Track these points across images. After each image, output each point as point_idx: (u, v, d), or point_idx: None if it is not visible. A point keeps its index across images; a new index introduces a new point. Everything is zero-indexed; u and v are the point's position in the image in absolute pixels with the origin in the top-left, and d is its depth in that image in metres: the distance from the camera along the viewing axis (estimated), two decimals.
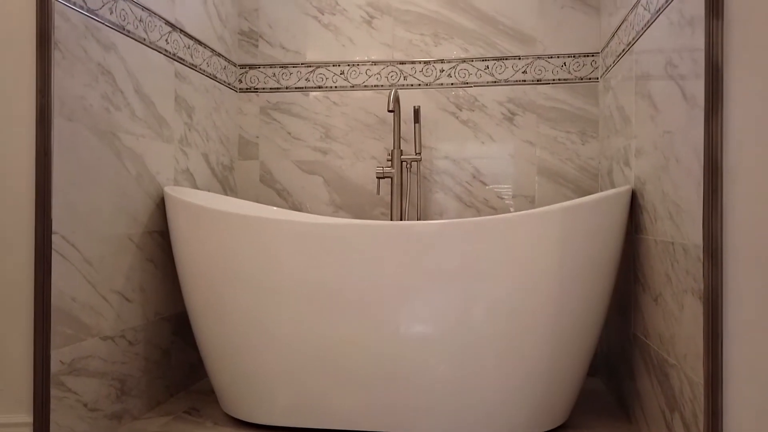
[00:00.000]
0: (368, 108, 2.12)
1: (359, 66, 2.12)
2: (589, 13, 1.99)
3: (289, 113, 2.16)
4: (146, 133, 1.55)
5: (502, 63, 2.04)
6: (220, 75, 2.02)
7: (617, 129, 1.70)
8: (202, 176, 1.88)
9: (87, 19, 1.31)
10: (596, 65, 1.99)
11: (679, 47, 1.15)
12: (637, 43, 1.46)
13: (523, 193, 2.03)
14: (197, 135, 1.85)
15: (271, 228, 1.39)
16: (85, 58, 1.30)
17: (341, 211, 2.13)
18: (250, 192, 2.18)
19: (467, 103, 2.06)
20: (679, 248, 1.14)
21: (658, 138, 1.29)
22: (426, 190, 2.08)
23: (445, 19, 2.06)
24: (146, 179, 1.55)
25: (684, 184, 1.12)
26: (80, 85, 1.29)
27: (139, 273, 1.52)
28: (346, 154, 2.13)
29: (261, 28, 2.17)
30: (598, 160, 1.98)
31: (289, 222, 1.39)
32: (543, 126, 2.02)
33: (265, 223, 1.40)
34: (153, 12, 1.58)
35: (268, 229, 1.39)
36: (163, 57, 1.64)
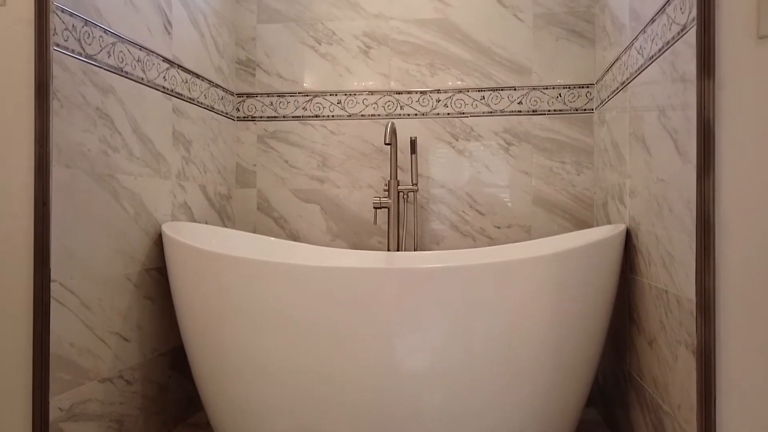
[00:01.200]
0: (365, 137, 2.13)
1: (356, 95, 2.13)
2: (585, 45, 2.01)
3: (287, 142, 2.17)
4: (144, 171, 1.56)
5: (498, 93, 2.06)
6: (217, 105, 2.03)
7: (612, 164, 1.72)
8: (199, 208, 1.89)
9: (85, 65, 1.31)
10: (591, 96, 2.00)
11: (672, 100, 1.16)
12: (631, 83, 1.48)
13: (519, 223, 2.05)
14: (195, 168, 1.86)
15: (264, 270, 1.40)
16: (83, 104, 1.31)
17: (338, 239, 2.14)
18: (247, 220, 2.18)
19: (463, 133, 2.08)
20: (673, 298, 1.15)
21: (651, 184, 1.30)
22: (423, 219, 2.10)
23: (441, 49, 2.08)
24: (144, 217, 1.56)
25: (677, 234, 1.14)
26: (78, 131, 1.29)
27: (136, 312, 1.53)
28: (343, 183, 2.14)
29: (258, 57, 2.19)
30: (593, 191, 1.99)
31: (282, 265, 1.39)
32: (538, 156, 2.04)
33: (257, 265, 1.41)
34: (151, 51, 1.59)
35: (260, 271, 1.39)
36: (160, 94, 1.65)
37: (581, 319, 1.38)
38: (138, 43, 1.53)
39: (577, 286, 1.36)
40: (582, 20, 2.01)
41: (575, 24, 2.01)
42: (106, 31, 1.39)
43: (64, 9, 1.24)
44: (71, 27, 1.26)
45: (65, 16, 1.24)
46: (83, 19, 1.30)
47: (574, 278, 1.35)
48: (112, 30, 1.41)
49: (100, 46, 1.37)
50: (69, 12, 1.26)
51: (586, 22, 2.00)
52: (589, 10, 2.00)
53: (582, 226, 2.00)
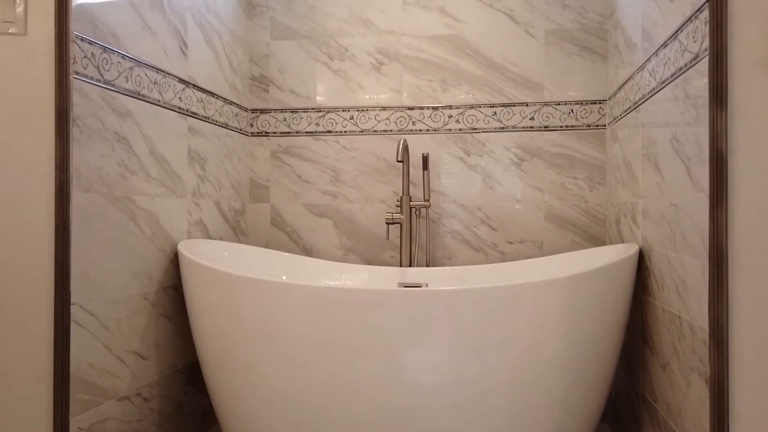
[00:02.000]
0: (377, 152, 2.14)
1: (368, 111, 2.15)
2: (597, 61, 2.01)
3: (300, 157, 2.19)
4: (160, 192, 1.59)
5: (510, 109, 2.06)
6: (232, 122, 2.05)
7: (624, 182, 1.71)
8: (214, 224, 1.91)
9: (104, 90, 1.34)
10: (604, 112, 2.00)
11: (684, 127, 1.16)
12: (643, 104, 1.48)
13: (531, 239, 2.05)
14: (210, 185, 1.88)
15: (276, 291, 1.41)
16: (102, 129, 1.34)
17: (351, 253, 2.16)
18: (261, 235, 2.21)
19: (475, 149, 2.08)
20: (686, 325, 1.16)
21: (664, 207, 1.30)
22: (435, 234, 2.11)
23: (452, 65, 2.09)
24: (160, 237, 1.58)
25: (690, 261, 1.14)
26: (97, 156, 1.32)
27: (153, 330, 1.55)
28: (356, 198, 2.16)
29: (272, 74, 2.21)
30: (606, 207, 1.99)
31: (293, 286, 1.40)
32: (550, 172, 2.04)
33: (269, 286, 1.42)
34: (167, 73, 1.62)
35: (273, 292, 1.41)
36: (176, 114, 1.67)
37: (594, 340, 1.38)
38: (155, 66, 1.55)
39: (590, 309, 1.36)
40: (594, 36, 2.00)
41: (587, 40, 2.01)
42: (123, 56, 1.41)
43: (83, 37, 1.27)
44: (90, 54, 1.29)
45: (84, 44, 1.27)
46: (102, 46, 1.33)
47: (587, 301, 1.36)
48: (129, 55, 1.44)
49: (118, 71, 1.39)
50: (88, 40, 1.28)
51: (599, 38, 2.00)
52: (602, 27, 2.00)
53: (595, 242, 2.00)
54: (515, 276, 1.88)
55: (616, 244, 1.73)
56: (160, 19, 1.58)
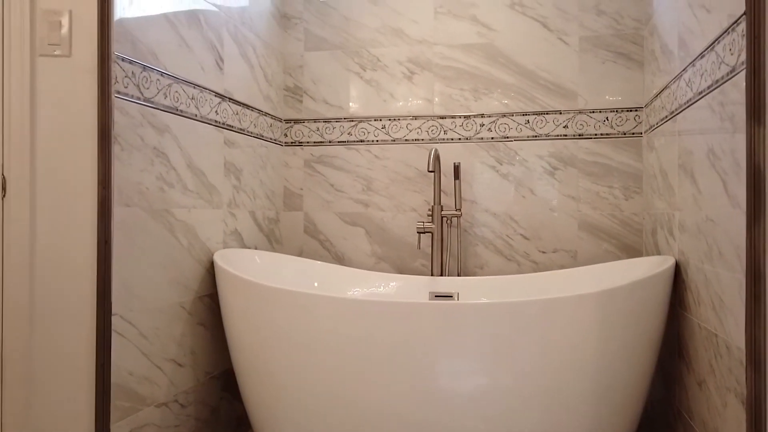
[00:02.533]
0: (409, 161, 2.15)
1: (400, 120, 2.16)
2: (632, 67, 1.97)
3: (332, 166, 2.22)
4: (197, 203, 1.63)
5: (543, 117, 2.04)
6: (266, 133, 2.09)
7: (661, 192, 1.68)
8: (249, 234, 1.96)
9: (143, 108, 1.39)
10: (640, 120, 1.96)
11: (721, 141, 1.14)
12: (680, 115, 1.45)
13: (564, 248, 2.03)
14: (245, 195, 1.93)
15: (308, 301, 1.44)
16: (141, 145, 1.38)
17: (382, 261, 2.17)
18: (294, 242, 2.24)
19: (507, 157, 2.07)
20: (722, 343, 1.13)
21: (701, 222, 1.27)
22: (467, 243, 2.10)
23: (484, 74, 2.08)
24: (197, 247, 1.63)
25: (726, 278, 1.11)
26: (137, 171, 1.37)
27: (190, 338, 1.60)
28: (387, 207, 2.17)
29: (305, 84, 2.24)
30: (642, 216, 1.95)
31: (325, 298, 1.42)
32: (585, 180, 2.01)
33: (301, 297, 1.45)
34: (204, 87, 1.66)
35: (304, 303, 1.43)
36: (212, 128, 1.72)
37: (627, 355, 1.36)
38: (192, 81, 1.60)
39: (623, 324, 1.34)
40: (629, 42, 1.97)
41: (622, 46, 1.98)
42: (162, 73, 1.46)
43: (124, 57, 1.31)
44: (130, 74, 1.34)
45: (125, 64, 1.32)
46: (141, 65, 1.38)
47: (620, 316, 1.34)
48: (168, 72, 1.48)
49: (157, 88, 1.44)
50: (129, 60, 1.33)
51: (634, 44, 1.97)
52: (638, 32, 1.96)
53: (630, 252, 1.97)
54: (547, 287, 1.86)
55: (652, 256, 1.69)
56: (197, 36, 1.63)
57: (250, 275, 1.68)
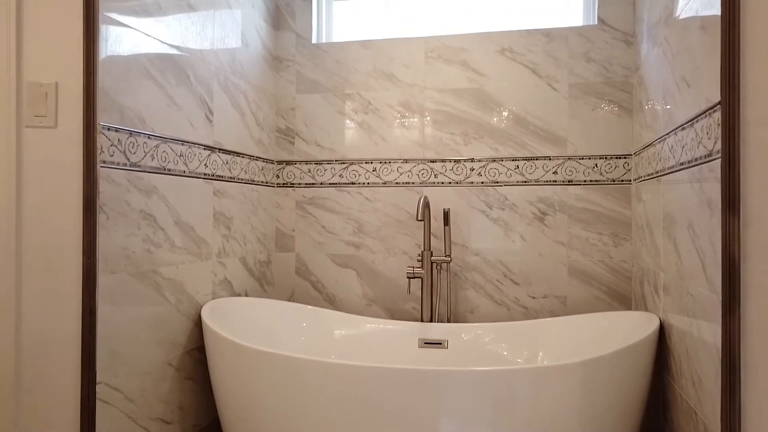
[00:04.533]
0: (399, 204, 2.16)
1: (391, 163, 2.17)
2: (622, 114, 1.98)
3: (324, 208, 2.23)
4: (186, 259, 1.64)
5: (533, 163, 2.05)
6: (258, 177, 2.10)
7: (648, 247, 1.68)
8: (239, 280, 1.96)
9: (130, 173, 1.40)
10: (629, 167, 1.97)
11: (700, 221, 1.14)
12: (665, 177, 1.46)
13: (554, 294, 2.03)
14: (235, 242, 1.94)
15: (295, 365, 1.44)
16: (128, 210, 1.39)
17: (374, 304, 2.18)
18: (286, 284, 2.25)
19: (498, 202, 2.08)
20: (701, 423, 1.13)
21: (683, 294, 1.28)
22: (457, 286, 2.11)
23: (475, 118, 2.09)
24: (185, 303, 1.64)
25: (705, 359, 1.11)
26: (123, 237, 1.38)
27: (177, 394, 1.61)
28: (379, 249, 2.18)
29: (297, 126, 2.25)
30: (632, 264, 1.96)
31: (311, 362, 1.42)
32: (574, 226, 2.01)
33: (287, 360, 1.44)
34: (193, 143, 1.67)
35: (291, 366, 1.44)
36: (201, 181, 1.73)
37: (612, 419, 1.36)
38: (180, 139, 1.61)
39: (608, 391, 1.35)
40: (619, 90, 1.98)
41: (612, 94, 1.98)
42: (149, 136, 1.47)
43: (110, 127, 1.33)
44: (116, 141, 1.35)
45: (111, 133, 1.33)
46: (128, 131, 1.39)
47: (605, 383, 1.34)
48: (155, 134, 1.50)
49: (144, 152, 1.45)
50: (115, 128, 1.34)
51: (623, 92, 1.97)
52: (627, 80, 1.97)
53: (620, 299, 1.97)
54: (535, 336, 1.86)
55: (638, 312, 1.69)
56: (185, 93, 1.64)
57: (238, 331, 1.69)
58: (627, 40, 1.97)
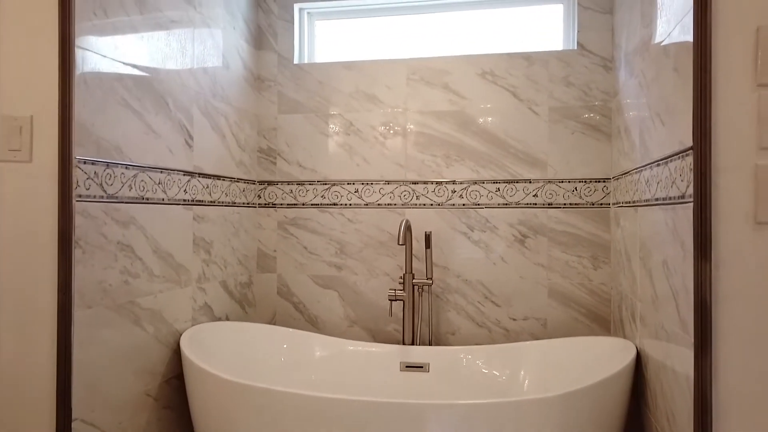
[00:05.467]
0: (381, 225, 2.16)
1: (373, 185, 2.17)
2: (601, 139, 2.00)
3: (306, 228, 2.22)
4: (164, 287, 1.63)
5: (513, 186, 2.06)
6: (239, 199, 2.09)
7: (625, 274, 1.70)
8: (219, 304, 1.95)
9: (106, 205, 1.39)
10: (608, 191, 1.99)
11: (674, 260, 1.16)
12: (641, 208, 1.47)
13: (535, 316, 2.04)
14: (215, 267, 1.93)
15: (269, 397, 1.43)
16: (104, 242, 1.38)
17: (356, 325, 2.18)
18: (268, 305, 2.24)
19: (479, 224, 2.09)
20: None
21: (658, 328, 1.29)
22: (439, 308, 2.11)
23: (456, 141, 2.10)
24: (164, 331, 1.62)
25: (678, 398, 1.13)
26: (100, 270, 1.36)
27: (155, 425, 1.59)
28: (360, 270, 2.18)
29: (279, 146, 2.25)
30: (610, 287, 1.98)
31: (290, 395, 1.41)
32: (554, 249, 2.03)
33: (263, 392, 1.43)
34: (172, 170, 1.66)
35: (266, 398, 1.43)
36: (181, 207, 1.72)
37: None
38: (159, 166, 1.60)
39: (588, 421, 1.36)
40: (598, 114, 2.00)
41: (591, 118, 2.00)
42: (127, 166, 1.46)
43: (86, 160, 1.31)
44: (93, 174, 1.34)
45: (87, 166, 1.32)
46: (105, 163, 1.38)
47: (583, 414, 1.35)
48: (133, 164, 1.48)
49: (121, 182, 1.44)
50: (91, 161, 1.33)
51: (603, 116, 1.99)
52: (606, 105, 1.99)
53: (599, 321, 1.99)
54: (517, 359, 1.87)
55: (616, 339, 1.71)
56: (164, 120, 1.63)
57: (217, 358, 1.68)
58: (606, 65, 1.99)
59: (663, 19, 1.26)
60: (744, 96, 0.99)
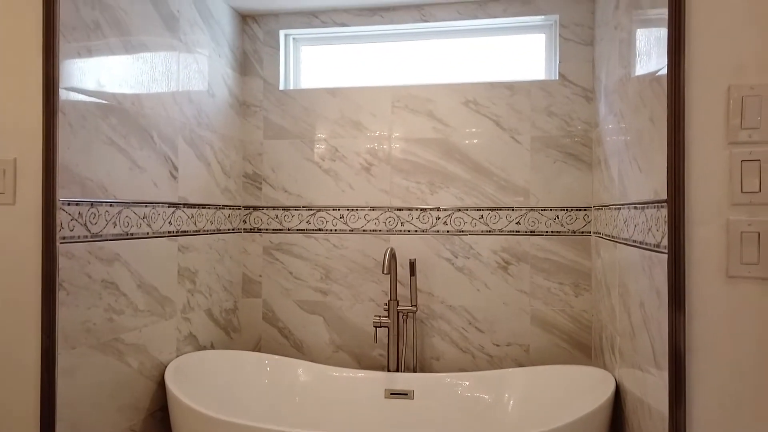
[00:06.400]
0: (367, 251, 2.18)
1: (358, 211, 2.19)
2: (582, 168, 2.03)
3: (291, 254, 2.23)
4: (149, 321, 1.63)
5: (496, 213, 2.09)
6: (224, 225, 2.10)
7: (605, 305, 1.74)
8: (204, 333, 1.95)
9: (90, 244, 1.39)
10: (589, 219, 2.03)
11: (650, 301, 1.19)
12: (620, 245, 1.50)
13: (518, 342, 2.07)
14: (200, 295, 1.93)
15: None
16: (88, 282, 1.38)
17: (341, 350, 2.19)
18: (253, 330, 2.25)
19: (463, 251, 2.11)
20: None
21: (636, 367, 1.32)
22: (423, 333, 2.13)
23: (440, 168, 2.13)
24: (148, 365, 1.62)
25: None
26: (84, 310, 1.36)
27: None
28: (346, 296, 2.19)
29: (264, 172, 2.26)
30: (591, 313, 2.01)
31: None
32: (537, 276, 2.06)
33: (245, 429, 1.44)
34: (156, 203, 1.66)
35: None
36: (166, 239, 1.72)
37: None
38: (144, 201, 1.60)
39: None
40: (579, 144, 2.03)
41: (572, 147, 2.04)
42: (112, 204, 1.46)
43: (70, 202, 1.31)
44: (77, 215, 1.34)
45: (71, 208, 1.32)
46: (89, 203, 1.38)
47: None
48: (117, 201, 1.49)
49: (105, 220, 1.44)
50: (75, 202, 1.33)
51: (584, 146, 2.03)
52: (587, 134, 2.03)
53: (580, 347, 2.02)
54: (500, 386, 1.90)
55: (596, 369, 1.74)
56: (149, 155, 1.63)
57: (201, 389, 1.69)
58: (587, 96, 2.03)
59: (640, 66, 1.29)
60: (716, 153, 1.03)
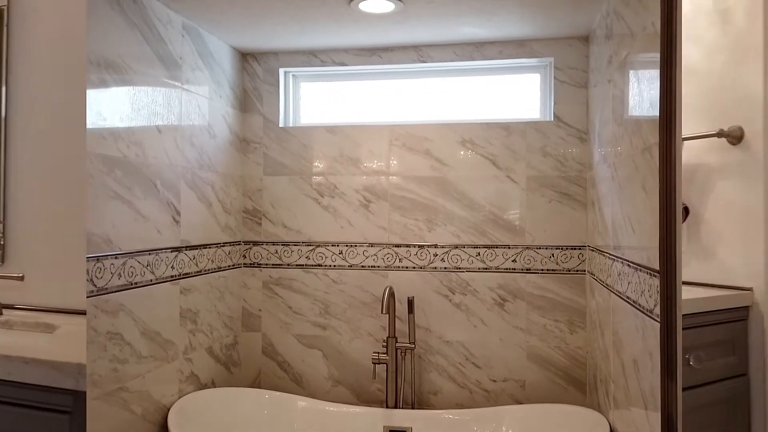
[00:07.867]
0: (365, 287, 2.21)
1: (357, 247, 2.22)
2: (576, 207, 2.07)
3: (290, 289, 2.26)
4: (152, 366, 1.66)
5: (493, 251, 2.13)
6: (225, 263, 2.13)
7: (600, 348, 1.77)
8: (205, 372, 1.98)
9: (96, 299, 1.42)
10: (583, 258, 2.07)
11: (643, 360, 1.22)
12: (615, 297, 1.54)
13: (514, 377, 2.11)
14: (201, 334, 1.95)
15: None
16: (94, 336, 1.41)
17: (340, 385, 2.22)
18: (253, 364, 2.27)
19: (460, 287, 2.15)
20: None
21: (629, 421, 1.36)
22: (421, 369, 2.17)
23: (438, 206, 2.16)
24: (151, 409, 1.65)
25: None
26: (89, 364, 1.39)
27: None
28: (345, 331, 2.22)
29: (264, 207, 2.29)
30: (586, 350, 2.05)
31: None
32: (532, 313, 2.10)
33: None
34: (159, 249, 1.69)
35: None
36: (168, 284, 1.75)
37: None
38: (147, 249, 1.63)
39: None
40: (573, 184, 2.07)
41: (567, 187, 2.08)
42: (116, 255, 1.49)
43: None
44: None
45: None
46: (95, 258, 1.41)
47: None
48: (122, 252, 1.51)
49: (111, 273, 1.47)
50: None
51: (578, 186, 2.07)
52: (581, 175, 2.07)
53: (575, 383, 2.06)
54: (496, 425, 1.93)
55: (591, 412, 1.78)
56: (153, 203, 1.66)
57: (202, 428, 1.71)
58: (581, 137, 2.07)
59: (633, 132, 1.33)
60: None
